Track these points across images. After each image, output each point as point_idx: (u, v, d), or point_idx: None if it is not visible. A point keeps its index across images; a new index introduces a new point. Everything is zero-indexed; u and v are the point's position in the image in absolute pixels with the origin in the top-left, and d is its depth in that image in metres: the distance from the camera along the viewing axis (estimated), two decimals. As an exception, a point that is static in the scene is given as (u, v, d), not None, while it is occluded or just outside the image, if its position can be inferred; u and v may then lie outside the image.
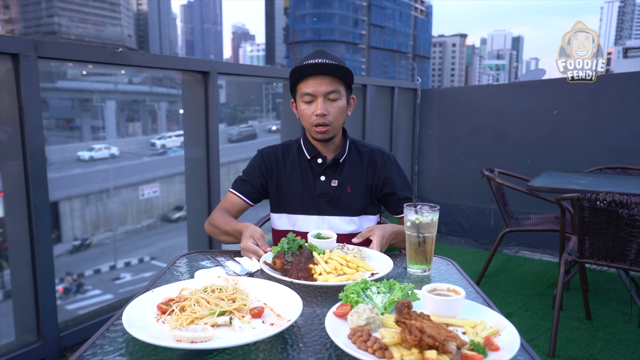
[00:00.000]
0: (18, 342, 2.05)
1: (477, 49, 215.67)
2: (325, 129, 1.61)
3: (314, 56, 1.61)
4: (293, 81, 1.64)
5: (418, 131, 5.53)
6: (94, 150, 21.83)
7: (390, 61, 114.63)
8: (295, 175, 1.72)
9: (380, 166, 1.72)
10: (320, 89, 1.58)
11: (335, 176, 1.69)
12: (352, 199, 1.69)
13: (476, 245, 4.91)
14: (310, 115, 1.62)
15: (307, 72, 1.59)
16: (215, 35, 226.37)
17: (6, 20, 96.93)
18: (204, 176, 2.87)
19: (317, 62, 1.57)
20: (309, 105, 1.62)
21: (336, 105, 1.61)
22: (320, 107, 1.58)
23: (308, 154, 1.71)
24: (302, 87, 1.61)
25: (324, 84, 1.58)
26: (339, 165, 1.70)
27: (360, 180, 1.71)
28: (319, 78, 1.58)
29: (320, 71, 1.57)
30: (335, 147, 1.72)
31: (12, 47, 1.88)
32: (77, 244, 17.80)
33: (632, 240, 2.35)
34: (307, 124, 1.65)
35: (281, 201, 1.74)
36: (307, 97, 1.61)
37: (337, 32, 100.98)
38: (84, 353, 0.89)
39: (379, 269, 1.29)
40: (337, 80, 1.60)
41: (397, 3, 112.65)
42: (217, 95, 2.80)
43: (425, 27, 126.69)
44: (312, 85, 1.59)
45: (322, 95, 1.59)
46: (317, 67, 1.56)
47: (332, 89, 1.59)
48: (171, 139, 25.71)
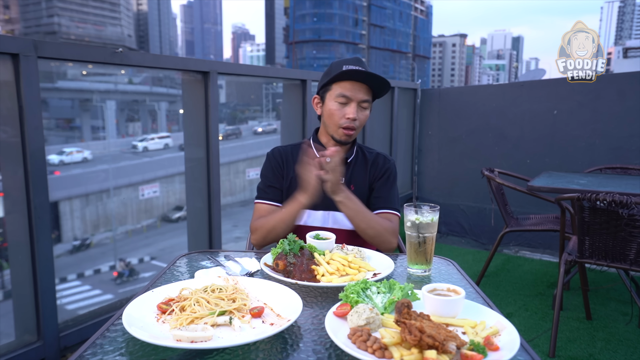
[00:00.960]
0: (18, 342, 2.05)
1: (477, 49, 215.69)
2: (351, 132, 1.67)
3: (354, 62, 1.67)
4: (330, 80, 1.67)
5: (418, 131, 5.53)
6: (64, 154, 21.08)
7: (390, 61, 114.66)
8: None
9: (381, 166, 1.77)
10: (358, 95, 1.64)
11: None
12: (356, 196, 1.71)
13: (476, 245, 4.91)
14: (340, 117, 1.66)
15: (351, 76, 1.62)
16: (215, 35, 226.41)
17: (6, 20, 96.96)
18: (204, 176, 2.87)
19: (363, 69, 1.62)
20: (342, 106, 1.66)
21: (365, 113, 1.68)
22: (353, 111, 1.64)
23: (318, 153, 1.72)
24: (340, 89, 1.65)
25: (362, 91, 1.64)
26: (347, 165, 1.75)
27: (363, 181, 1.76)
28: (358, 84, 1.64)
29: (364, 79, 1.63)
30: (345, 149, 1.76)
31: (12, 47, 1.88)
32: (77, 244, 17.82)
33: (632, 240, 2.35)
34: (334, 124, 1.68)
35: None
36: (342, 98, 1.65)
37: (337, 32, 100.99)
38: (84, 353, 0.89)
39: (380, 269, 1.29)
40: (370, 92, 1.67)
41: (397, 3, 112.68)
42: (217, 95, 2.80)
43: (425, 27, 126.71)
44: (350, 89, 1.63)
45: (357, 102, 1.64)
46: (363, 75, 1.61)
47: (367, 97, 1.66)
48: (154, 141, 24.90)
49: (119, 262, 16.06)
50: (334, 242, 1.40)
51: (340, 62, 1.68)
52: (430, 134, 5.45)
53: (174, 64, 2.67)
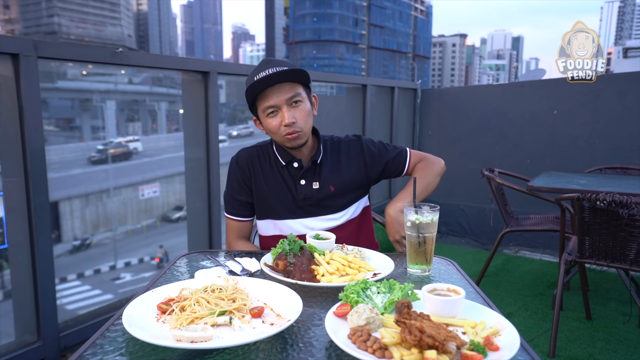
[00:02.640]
0: (18, 342, 2.05)
1: (477, 49, 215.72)
2: (296, 135, 1.55)
3: (262, 68, 1.53)
4: (251, 99, 1.57)
5: (418, 131, 5.53)
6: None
7: (390, 61, 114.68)
8: (275, 180, 1.67)
9: (368, 154, 1.70)
10: (281, 98, 1.52)
11: (315, 178, 1.66)
12: (336, 197, 1.67)
13: (476, 245, 4.91)
14: (278, 127, 1.54)
15: (262, 86, 1.51)
16: (215, 35, 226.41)
17: (6, 20, 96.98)
18: (204, 176, 2.86)
19: (269, 73, 1.49)
20: (274, 117, 1.54)
21: (301, 109, 1.55)
22: (286, 116, 1.52)
23: (282, 160, 1.66)
24: (262, 102, 1.54)
25: (283, 91, 1.52)
26: (317, 166, 1.67)
27: (340, 178, 1.67)
28: (276, 87, 1.51)
29: (275, 80, 1.50)
30: (310, 150, 1.67)
31: (12, 47, 1.88)
32: (77, 244, 17.83)
33: (632, 240, 2.35)
34: (278, 137, 1.58)
35: (265, 207, 1.69)
36: (269, 110, 1.54)
37: (337, 32, 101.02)
38: (84, 353, 0.89)
39: (380, 269, 1.29)
40: (294, 85, 1.54)
41: (397, 3, 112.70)
42: (217, 95, 2.80)
43: (425, 27, 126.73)
44: (271, 97, 1.52)
45: (285, 104, 1.52)
46: (271, 78, 1.49)
47: (292, 94, 1.53)
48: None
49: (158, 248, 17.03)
50: (334, 242, 1.40)
51: (251, 75, 1.55)
52: (430, 134, 5.45)
53: (174, 64, 2.67)
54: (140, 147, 24.08)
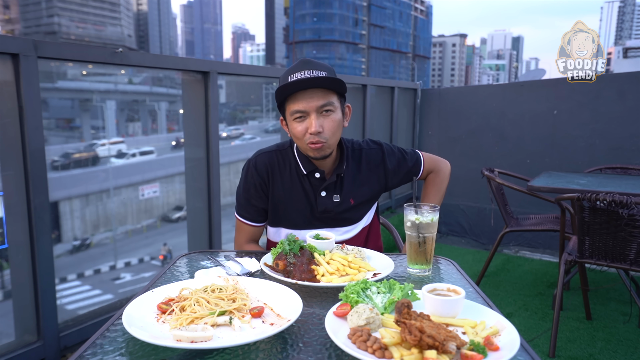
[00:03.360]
0: (18, 342, 2.05)
1: (477, 49, 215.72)
2: (320, 145, 1.45)
3: (299, 68, 1.44)
4: (280, 99, 1.48)
5: (418, 131, 5.53)
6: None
7: (390, 61, 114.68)
8: (294, 189, 1.59)
9: (389, 164, 1.66)
10: (312, 105, 1.42)
11: (336, 191, 1.59)
12: (355, 210, 1.63)
13: (476, 245, 4.91)
14: (303, 134, 1.45)
15: (294, 88, 1.42)
16: (215, 35, 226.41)
17: (6, 20, 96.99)
18: (204, 176, 2.87)
19: (304, 76, 1.41)
20: (301, 122, 1.45)
21: (331, 119, 1.45)
22: (314, 124, 1.42)
23: (304, 169, 1.58)
24: (292, 105, 1.45)
25: (315, 98, 1.42)
26: (340, 179, 1.60)
27: (361, 191, 1.62)
28: (308, 92, 1.42)
29: (309, 85, 1.41)
30: (333, 161, 1.59)
31: (12, 47, 1.88)
32: (77, 244, 17.82)
33: (632, 240, 2.35)
34: (302, 144, 1.49)
35: (280, 215, 1.63)
36: (297, 114, 1.45)
37: (337, 32, 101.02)
38: (84, 353, 0.89)
39: (380, 269, 1.29)
40: (328, 92, 1.44)
41: (397, 3, 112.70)
42: (217, 95, 2.80)
43: (425, 27, 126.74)
44: (302, 101, 1.42)
45: (315, 111, 1.43)
46: (305, 82, 1.40)
47: (324, 102, 1.43)
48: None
49: (162, 246, 17.49)
50: (334, 242, 1.40)
51: (286, 73, 1.47)
52: (430, 134, 5.45)
53: (174, 64, 2.68)
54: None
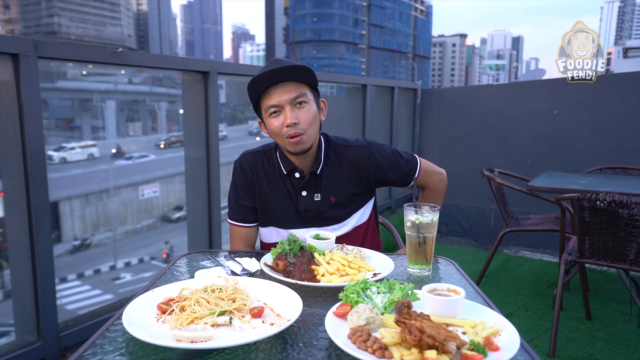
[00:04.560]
0: (18, 342, 2.05)
1: (477, 49, 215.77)
2: (299, 138, 1.47)
3: (269, 66, 1.47)
4: (254, 99, 1.51)
5: (418, 131, 5.53)
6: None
7: (390, 61, 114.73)
8: (278, 189, 1.62)
9: (374, 166, 1.61)
10: (285, 98, 1.45)
11: (316, 189, 1.60)
12: (337, 208, 1.62)
13: (476, 245, 4.91)
14: (280, 128, 1.47)
15: (266, 84, 1.45)
16: (215, 35, 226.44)
17: (6, 20, 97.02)
18: (204, 176, 2.87)
19: (273, 68, 1.43)
20: (277, 117, 1.47)
21: (306, 110, 1.47)
22: (289, 115, 1.45)
23: (284, 168, 1.60)
24: (265, 101, 1.48)
25: (287, 91, 1.45)
26: (317, 177, 1.60)
27: (342, 188, 1.61)
28: (280, 86, 1.45)
29: (279, 79, 1.44)
30: (312, 158, 1.59)
31: (12, 47, 1.88)
32: (77, 244, 17.81)
33: (632, 240, 2.35)
34: (281, 139, 1.51)
35: (268, 215, 1.64)
36: (272, 109, 1.47)
37: (337, 32, 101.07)
38: (84, 353, 0.89)
39: (380, 269, 1.29)
40: (300, 85, 1.47)
41: (397, 3, 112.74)
42: (217, 95, 2.80)
43: (425, 27, 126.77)
44: (274, 96, 1.45)
45: (289, 104, 1.45)
46: (275, 75, 1.43)
47: (297, 94, 1.46)
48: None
49: (164, 244, 17.76)
50: (334, 242, 1.40)
51: (257, 74, 1.48)
52: (430, 134, 5.45)
53: (174, 64, 2.67)
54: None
